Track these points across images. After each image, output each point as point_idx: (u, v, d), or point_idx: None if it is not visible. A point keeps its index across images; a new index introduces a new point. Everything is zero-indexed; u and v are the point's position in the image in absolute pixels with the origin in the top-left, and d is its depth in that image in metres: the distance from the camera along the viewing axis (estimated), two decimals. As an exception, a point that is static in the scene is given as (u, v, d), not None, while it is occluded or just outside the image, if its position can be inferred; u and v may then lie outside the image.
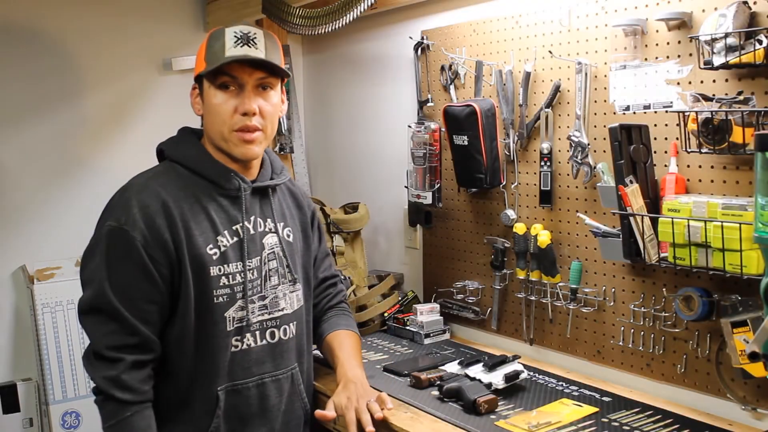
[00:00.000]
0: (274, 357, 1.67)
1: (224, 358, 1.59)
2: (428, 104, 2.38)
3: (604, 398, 1.79)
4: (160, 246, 1.51)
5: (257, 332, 1.64)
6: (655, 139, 1.75)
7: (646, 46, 1.76)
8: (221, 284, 1.57)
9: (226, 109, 1.57)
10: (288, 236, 1.73)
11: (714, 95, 1.59)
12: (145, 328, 1.51)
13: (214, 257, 1.56)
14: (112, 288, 1.49)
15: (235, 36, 1.56)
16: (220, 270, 1.57)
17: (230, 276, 1.58)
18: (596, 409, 1.70)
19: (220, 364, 1.59)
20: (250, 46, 1.56)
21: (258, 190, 1.67)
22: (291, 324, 1.71)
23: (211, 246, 1.56)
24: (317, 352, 1.91)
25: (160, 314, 1.54)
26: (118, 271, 1.50)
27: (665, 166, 1.73)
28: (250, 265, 1.61)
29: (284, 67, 1.62)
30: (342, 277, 2.48)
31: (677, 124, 1.66)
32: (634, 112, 1.79)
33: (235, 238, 1.60)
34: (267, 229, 1.68)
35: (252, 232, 1.64)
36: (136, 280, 1.50)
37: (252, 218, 1.64)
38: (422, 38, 2.38)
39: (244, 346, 1.62)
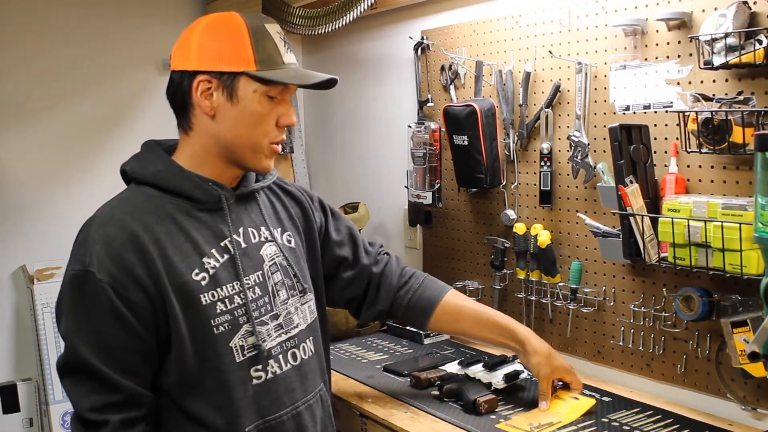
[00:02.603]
0: (302, 381, 1.48)
1: (245, 394, 1.38)
2: (428, 104, 2.38)
3: (604, 398, 1.78)
4: (132, 285, 1.29)
5: (280, 356, 1.44)
6: (655, 139, 1.75)
7: (646, 46, 1.76)
8: (218, 311, 1.35)
9: (271, 119, 1.39)
10: (289, 242, 1.55)
11: (714, 95, 1.59)
12: (130, 381, 1.30)
13: (203, 283, 1.35)
14: (84, 343, 1.28)
15: (281, 38, 1.39)
16: (213, 296, 1.35)
17: (227, 300, 1.37)
18: (594, 401, 1.70)
19: (240, 401, 1.37)
20: (289, 50, 1.40)
21: (242, 197, 1.48)
22: (308, 340, 1.52)
23: (196, 271, 1.35)
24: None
25: (147, 363, 1.33)
26: (89, 321, 1.29)
27: (665, 166, 1.73)
28: (248, 283, 1.41)
29: None
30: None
31: (677, 124, 1.66)
32: (634, 112, 1.79)
33: (226, 256, 1.39)
34: (263, 239, 1.48)
35: (244, 245, 1.43)
36: (110, 329, 1.28)
37: (241, 230, 1.44)
38: (422, 38, 2.38)
39: (269, 375, 1.41)
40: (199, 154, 1.41)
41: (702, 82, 1.64)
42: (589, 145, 1.89)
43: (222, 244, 1.40)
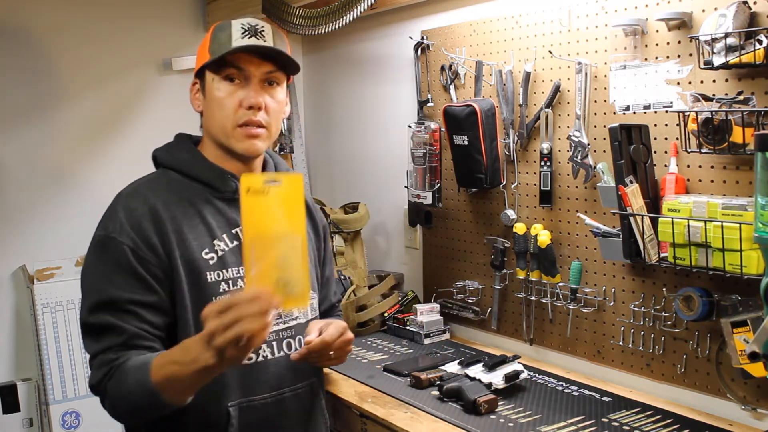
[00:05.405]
0: (294, 369, 1.55)
1: (233, 371, 1.46)
2: (428, 104, 2.38)
3: (604, 398, 1.79)
4: (149, 249, 1.41)
5: (273, 343, 1.53)
6: (655, 139, 1.75)
7: (646, 46, 1.76)
8: (221, 290, 1.46)
9: (230, 102, 1.47)
10: None
11: (714, 95, 1.59)
12: (134, 325, 1.39)
13: (211, 262, 1.46)
14: (103, 300, 1.38)
15: (242, 27, 1.47)
16: (218, 275, 1.46)
17: (230, 281, 1.47)
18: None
19: (229, 377, 1.46)
20: (258, 38, 1.46)
21: None
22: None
23: (206, 250, 1.46)
24: None
25: (160, 314, 1.42)
26: (106, 277, 1.40)
27: (665, 166, 1.73)
28: None
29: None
30: (342, 277, 2.48)
31: (677, 124, 1.66)
32: (634, 112, 1.79)
33: (236, 242, 1.50)
34: None
35: None
36: (130, 287, 1.39)
37: None
38: (422, 38, 2.38)
39: (260, 359, 1.50)
40: (210, 146, 1.56)
41: (702, 82, 1.65)
42: (589, 145, 1.89)
43: (233, 231, 1.51)
